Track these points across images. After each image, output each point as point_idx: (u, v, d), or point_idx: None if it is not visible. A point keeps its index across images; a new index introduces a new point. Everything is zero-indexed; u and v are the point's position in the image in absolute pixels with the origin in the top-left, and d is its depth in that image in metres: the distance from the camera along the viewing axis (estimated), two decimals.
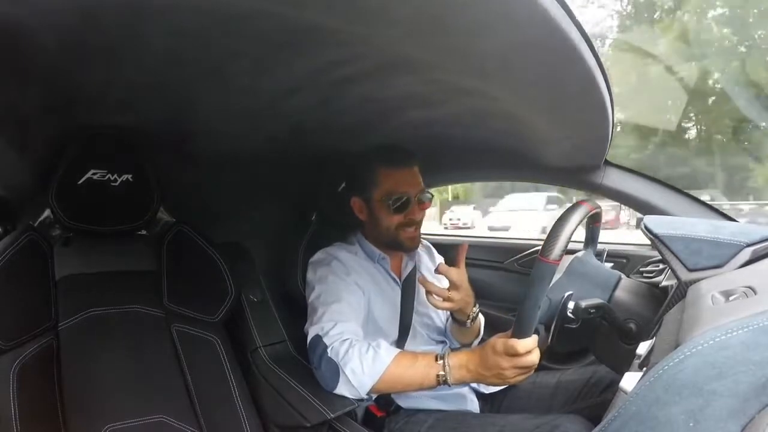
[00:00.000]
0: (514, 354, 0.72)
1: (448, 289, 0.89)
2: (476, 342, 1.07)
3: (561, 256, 0.66)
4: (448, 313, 1.09)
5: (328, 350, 0.84)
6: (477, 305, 0.98)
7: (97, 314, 0.93)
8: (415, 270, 1.08)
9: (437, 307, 0.90)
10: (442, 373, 0.79)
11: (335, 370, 0.83)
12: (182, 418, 0.92)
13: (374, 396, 0.93)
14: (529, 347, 0.72)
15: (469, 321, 0.97)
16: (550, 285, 0.72)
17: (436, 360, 0.80)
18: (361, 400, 0.86)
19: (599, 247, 0.97)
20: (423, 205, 1.00)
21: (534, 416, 0.82)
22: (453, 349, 1.04)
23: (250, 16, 0.55)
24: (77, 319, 0.91)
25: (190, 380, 0.97)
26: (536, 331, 0.73)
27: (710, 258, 0.69)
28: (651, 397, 0.48)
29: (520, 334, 0.71)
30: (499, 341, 0.74)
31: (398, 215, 0.98)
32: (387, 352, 0.83)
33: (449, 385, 0.80)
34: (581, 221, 0.70)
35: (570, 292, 0.79)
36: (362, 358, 0.82)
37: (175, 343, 0.99)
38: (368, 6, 0.50)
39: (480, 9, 0.47)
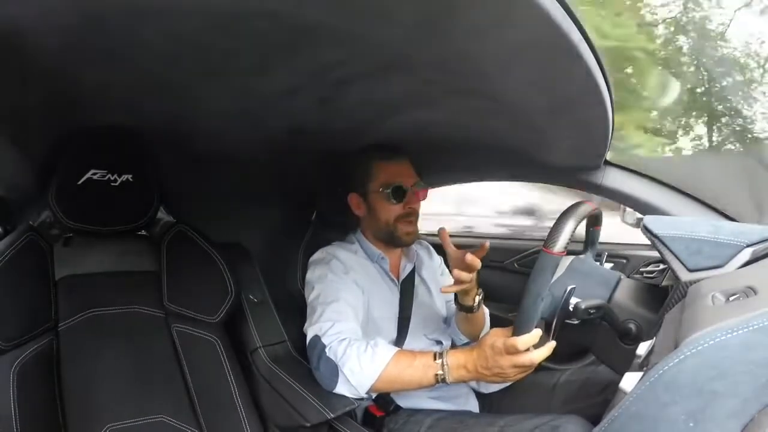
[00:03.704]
0: (514, 352, 0.72)
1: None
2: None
3: (565, 248, 0.66)
4: (451, 309, 1.09)
5: (327, 350, 0.84)
6: (480, 292, 0.97)
7: (97, 314, 0.93)
8: (414, 271, 1.08)
9: (448, 289, 0.89)
10: (440, 372, 0.79)
11: (334, 370, 0.83)
12: (182, 418, 0.92)
13: (374, 395, 0.93)
14: (529, 343, 0.71)
15: (475, 306, 0.96)
16: (552, 281, 0.72)
17: (435, 359, 0.80)
18: (361, 399, 0.86)
19: (598, 249, 0.97)
20: (419, 194, 1.02)
21: (533, 416, 0.82)
22: (453, 347, 1.04)
23: (250, 16, 0.55)
24: (77, 319, 0.91)
25: (190, 380, 0.97)
26: (539, 326, 0.73)
27: (710, 258, 0.69)
28: (651, 397, 0.48)
29: (522, 328, 0.71)
30: (498, 339, 0.74)
31: (396, 205, 1.00)
32: (385, 351, 0.83)
33: (448, 384, 0.80)
34: (585, 217, 0.71)
35: (572, 286, 0.79)
36: (360, 357, 0.82)
37: (175, 344, 0.99)
38: (368, 6, 0.50)
39: (480, 9, 0.47)
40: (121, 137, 0.94)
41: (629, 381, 0.54)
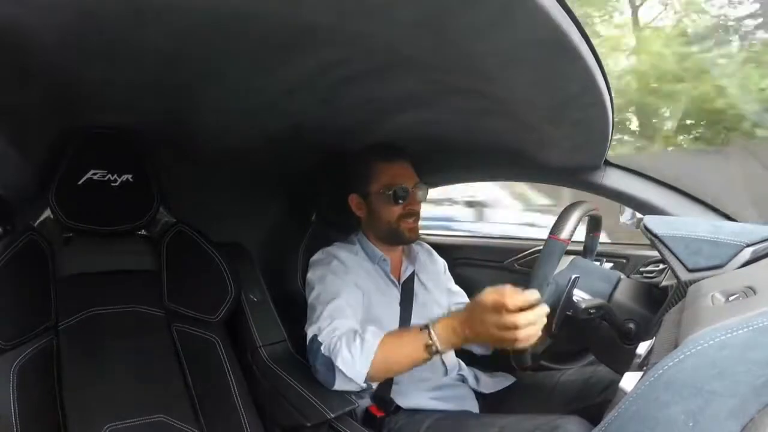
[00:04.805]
0: (500, 308, 0.70)
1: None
2: None
3: (571, 236, 0.68)
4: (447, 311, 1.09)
5: (322, 347, 0.85)
6: None
7: (97, 314, 0.93)
8: (414, 273, 1.08)
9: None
10: (429, 342, 0.78)
11: (329, 365, 0.83)
12: (182, 418, 0.92)
13: (374, 391, 0.93)
14: (518, 304, 0.69)
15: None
16: (555, 273, 0.73)
17: (421, 330, 0.80)
18: (363, 392, 0.86)
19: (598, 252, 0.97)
20: (420, 196, 1.02)
21: (533, 416, 0.82)
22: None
23: (250, 16, 0.55)
24: (77, 318, 0.91)
25: (190, 380, 0.97)
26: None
27: (710, 258, 0.69)
28: (651, 397, 0.48)
29: None
30: (489, 296, 0.72)
31: (398, 206, 1.00)
32: (373, 336, 0.83)
33: (440, 353, 0.79)
34: (589, 211, 0.73)
35: (576, 275, 0.79)
36: (350, 347, 0.82)
37: (175, 343, 0.99)
38: (368, 6, 0.50)
39: (480, 9, 0.47)
40: (121, 137, 0.94)
41: (629, 381, 0.54)
